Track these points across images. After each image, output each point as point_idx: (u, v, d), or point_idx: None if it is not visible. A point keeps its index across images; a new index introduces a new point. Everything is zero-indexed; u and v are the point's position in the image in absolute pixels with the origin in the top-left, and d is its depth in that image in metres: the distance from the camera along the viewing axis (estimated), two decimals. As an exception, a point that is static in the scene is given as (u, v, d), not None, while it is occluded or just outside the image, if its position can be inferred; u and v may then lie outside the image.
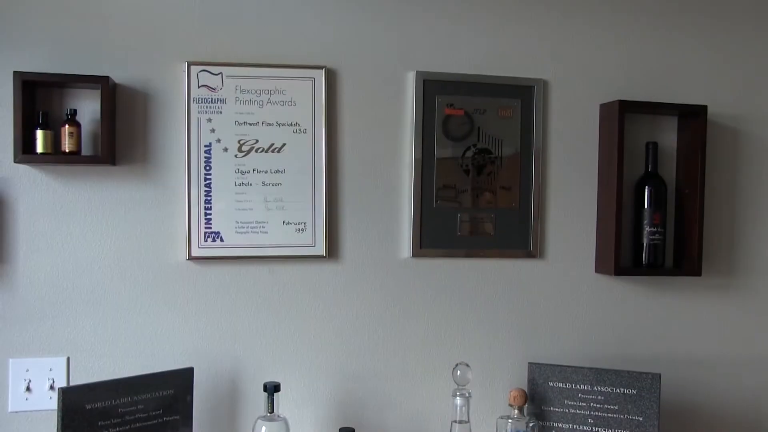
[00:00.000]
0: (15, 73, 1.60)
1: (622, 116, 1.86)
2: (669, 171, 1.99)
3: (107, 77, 1.65)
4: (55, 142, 1.65)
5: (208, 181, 1.76)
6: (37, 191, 1.70)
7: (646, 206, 1.92)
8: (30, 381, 1.71)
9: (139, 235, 1.75)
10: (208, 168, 1.76)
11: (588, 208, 1.96)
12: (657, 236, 1.92)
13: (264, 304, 1.81)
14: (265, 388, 1.68)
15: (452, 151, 1.87)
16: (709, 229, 1.98)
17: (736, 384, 2.05)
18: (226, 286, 1.79)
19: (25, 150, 1.62)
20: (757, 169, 2.05)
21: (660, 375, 1.74)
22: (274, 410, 1.67)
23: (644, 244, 1.92)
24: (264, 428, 1.65)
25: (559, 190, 1.95)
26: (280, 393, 1.69)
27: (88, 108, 1.70)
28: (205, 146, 1.76)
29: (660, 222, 1.92)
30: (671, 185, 1.98)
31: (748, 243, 2.05)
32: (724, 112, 2.02)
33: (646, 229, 1.92)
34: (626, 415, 1.75)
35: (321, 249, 1.81)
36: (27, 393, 1.71)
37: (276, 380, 1.73)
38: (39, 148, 1.63)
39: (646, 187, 1.93)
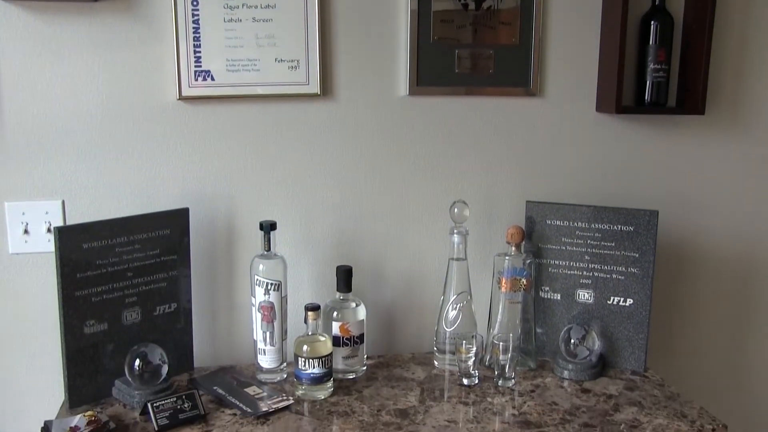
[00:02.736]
0: None
1: (630, -56, 1.76)
2: (677, 5, 1.90)
3: None
4: (30, -26, 1.57)
5: (195, 18, 1.68)
6: (17, 29, 1.62)
7: (651, 42, 1.84)
8: (27, 224, 1.71)
9: (126, 75, 1.69)
10: (195, 3, 1.68)
11: (590, 44, 1.88)
12: (661, 74, 1.85)
13: (257, 144, 1.78)
14: (262, 226, 1.67)
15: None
16: (715, 68, 1.91)
17: (733, 225, 2.04)
18: (219, 126, 1.75)
19: (-2, -19, 1.54)
20: (769, 3, 1.96)
21: (657, 212, 1.73)
22: (271, 248, 1.67)
23: (647, 83, 1.86)
24: (261, 266, 1.66)
25: (561, 24, 1.86)
26: (276, 232, 1.69)
27: (62, -63, 1.60)
28: (191, -21, 1.68)
29: (665, 59, 1.85)
30: (679, 21, 1.90)
31: (755, 82, 1.98)
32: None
33: (650, 66, 1.85)
34: (623, 252, 1.76)
35: (315, 87, 1.76)
36: (25, 236, 1.71)
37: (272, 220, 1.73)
38: (13, -21, 1.55)
39: (652, 22, 1.84)
